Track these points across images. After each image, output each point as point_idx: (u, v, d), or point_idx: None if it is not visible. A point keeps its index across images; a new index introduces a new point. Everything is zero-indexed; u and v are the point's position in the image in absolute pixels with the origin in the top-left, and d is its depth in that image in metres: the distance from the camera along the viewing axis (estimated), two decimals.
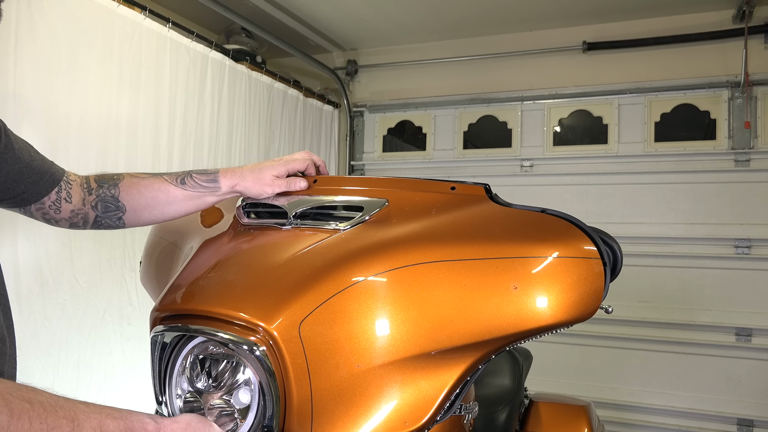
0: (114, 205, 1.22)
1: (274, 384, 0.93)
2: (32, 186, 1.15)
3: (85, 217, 1.22)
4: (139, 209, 1.23)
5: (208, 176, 1.22)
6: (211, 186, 1.21)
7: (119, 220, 1.24)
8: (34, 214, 1.19)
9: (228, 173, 1.22)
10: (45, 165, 1.17)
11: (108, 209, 1.22)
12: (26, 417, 0.71)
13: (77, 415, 0.77)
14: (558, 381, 3.78)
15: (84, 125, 2.58)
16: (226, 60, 3.46)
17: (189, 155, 3.18)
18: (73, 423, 0.76)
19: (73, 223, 1.22)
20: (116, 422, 0.81)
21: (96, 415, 0.79)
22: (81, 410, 0.78)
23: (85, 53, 2.57)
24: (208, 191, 1.22)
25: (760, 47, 3.69)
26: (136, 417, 0.84)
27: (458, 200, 1.14)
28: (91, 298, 2.63)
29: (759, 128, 3.67)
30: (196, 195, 1.22)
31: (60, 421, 0.75)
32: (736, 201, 3.69)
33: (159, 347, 1.02)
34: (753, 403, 3.61)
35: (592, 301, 0.96)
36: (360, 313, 0.96)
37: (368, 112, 4.73)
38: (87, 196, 1.21)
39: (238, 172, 1.22)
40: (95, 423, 0.78)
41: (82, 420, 0.77)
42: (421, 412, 0.94)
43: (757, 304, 3.62)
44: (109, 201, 1.21)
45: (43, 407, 0.74)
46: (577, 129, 4.17)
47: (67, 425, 0.75)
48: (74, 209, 1.20)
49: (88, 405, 0.80)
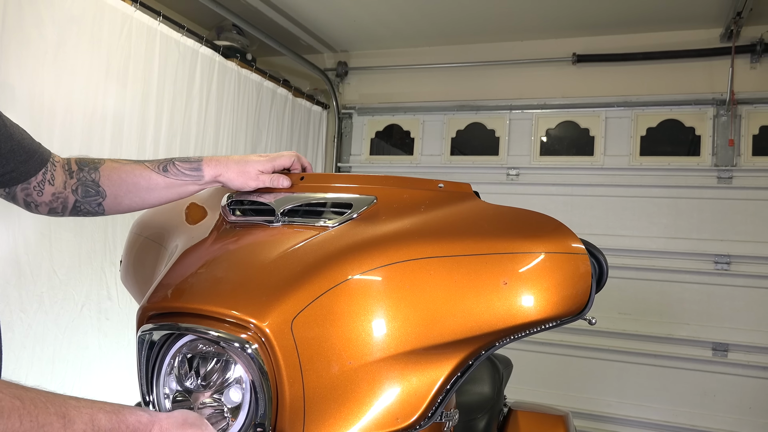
0: (94, 190, 1.18)
1: (266, 382, 0.93)
2: (22, 165, 1.12)
3: (65, 201, 1.18)
4: (120, 195, 1.19)
5: (191, 164, 1.19)
6: (194, 174, 1.18)
7: (99, 206, 1.20)
8: (18, 195, 1.15)
9: (212, 162, 1.19)
10: (34, 145, 1.15)
11: (88, 194, 1.18)
12: (16, 415, 0.69)
13: (68, 411, 0.75)
14: (537, 390, 3.80)
15: (69, 116, 2.54)
16: (216, 56, 3.44)
17: (175, 151, 3.15)
18: (64, 419, 0.74)
19: (52, 209, 1.19)
20: (108, 416, 0.79)
21: (87, 410, 0.77)
22: (72, 405, 0.76)
23: (73, 43, 2.54)
24: (191, 180, 1.19)
25: (746, 66, 3.74)
26: (129, 411, 0.82)
27: (446, 197, 1.15)
28: (70, 291, 2.59)
29: (742, 146, 3.72)
30: (178, 183, 1.19)
31: (50, 417, 0.73)
32: (718, 217, 3.74)
33: (147, 345, 1.00)
34: (727, 418, 3.65)
35: (580, 298, 0.97)
36: (352, 310, 0.96)
37: (357, 114, 4.73)
38: (68, 179, 1.18)
39: (223, 162, 1.19)
40: (87, 418, 0.76)
41: (73, 416, 0.75)
42: (413, 408, 0.94)
43: (734, 320, 3.67)
44: (89, 185, 1.17)
45: (33, 404, 0.72)
46: (564, 140, 4.20)
47: (57, 422, 0.73)
48: (55, 192, 1.17)
49: (78, 400, 0.78)
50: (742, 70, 3.73)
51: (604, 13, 3.75)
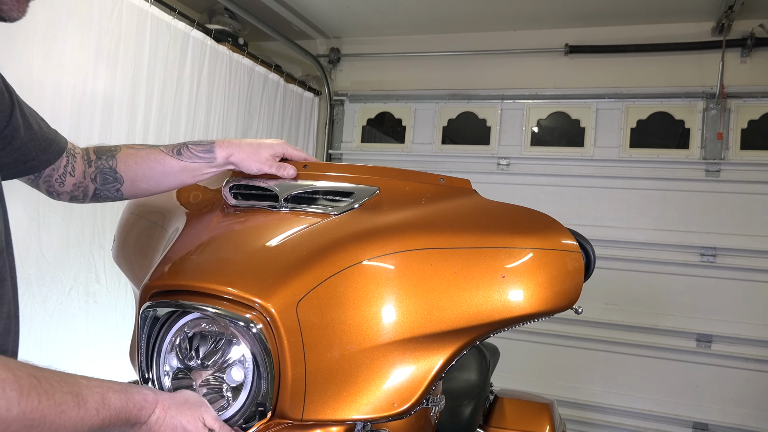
0: (112, 177, 1.21)
1: (269, 362, 0.94)
2: (42, 153, 1.13)
3: (85, 190, 1.21)
4: (137, 180, 1.22)
5: (204, 147, 1.21)
6: (207, 157, 1.21)
7: (117, 192, 1.23)
8: (40, 185, 1.18)
9: (225, 144, 1.21)
10: (51, 133, 1.16)
11: (107, 181, 1.21)
12: (35, 393, 0.72)
13: (81, 390, 0.78)
14: (523, 378, 3.83)
15: (58, 98, 2.52)
16: (207, 40, 3.41)
17: (165, 134, 3.13)
18: (78, 398, 0.77)
19: (74, 197, 1.22)
20: (118, 395, 0.82)
21: (98, 389, 0.81)
22: (84, 385, 0.79)
23: (62, 24, 2.51)
24: (204, 162, 1.21)
25: (736, 60, 3.76)
26: (136, 390, 0.86)
27: (447, 192, 1.18)
28: (58, 273, 2.58)
29: (731, 140, 3.74)
30: (192, 166, 1.21)
31: (65, 397, 0.76)
32: (705, 210, 3.77)
33: (149, 322, 1.01)
34: (709, 408, 3.70)
35: (572, 293, 1.02)
36: (355, 296, 0.98)
37: (349, 101, 4.71)
38: (87, 169, 1.20)
39: (236, 144, 1.21)
40: (98, 397, 0.80)
41: (86, 395, 0.78)
42: (409, 393, 0.97)
43: (718, 312, 3.71)
44: (107, 173, 1.20)
45: (48, 383, 0.75)
46: (554, 130, 4.21)
47: (72, 400, 0.76)
48: (76, 182, 1.19)
49: (89, 379, 0.81)
50: (732, 64, 3.75)
51: (597, 4, 3.75)
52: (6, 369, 0.71)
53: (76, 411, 0.76)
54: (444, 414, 1.66)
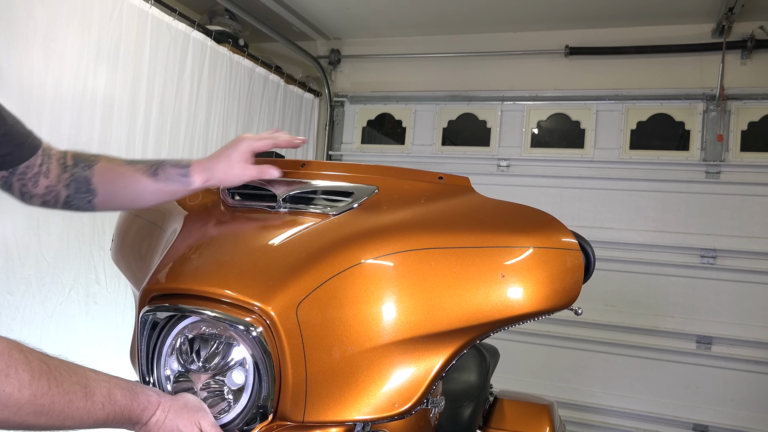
0: (86, 188, 1.18)
1: (270, 364, 0.94)
2: (17, 148, 1.12)
3: (57, 195, 1.19)
4: (110, 195, 1.19)
5: (180, 170, 1.17)
6: (183, 180, 1.17)
7: (89, 203, 1.20)
8: (14, 185, 1.16)
9: (200, 167, 1.17)
10: (26, 130, 1.15)
11: (79, 190, 1.18)
12: (45, 378, 0.73)
13: (89, 382, 0.79)
14: (523, 379, 3.83)
15: (58, 98, 2.52)
16: (208, 41, 3.41)
17: (165, 135, 3.13)
18: (86, 389, 0.78)
19: (45, 201, 1.19)
20: (123, 392, 0.83)
21: (106, 384, 0.81)
22: (92, 378, 0.80)
23: (63, 24, 2.51)
24: (180, 186, 1.17)
25: (736, 62, 3.76)
26: (141, 390, 0.87)
27: (446, 190, 1.18)
28: (57, 274, 2.57)
29: (731, 142, 3.74)
30: (167, 188, 1.17)
31: (74, 386, 0.76)
32: (705, 212, 3.77)
33: (149, 326, 1.01)
34: (709, 410, 3.70)
35: (572, 291, 1.02)
36: (355, 297, 0.98)
37: (349, 102, 4.71)
38: (62, 174, 1.18)
39: (209, 167, 1.17)
40: (105, 392, 0.80)
41: (93, 387, 0.79)
42: (409, 394, 0.96)
43: (718, 313, 3.71)
44: (81, 182, 1.18)
45: (58, 371, 0.75)
46: (554, 132, 4.21)
47: (80, 391, 0.77)
48: (49, 185, 1.17)
49: (97, 373, 0.82)
50: (732, 66, 3.75)
51: (597, 6, 3.75)
52: (19, 351, 0.72)
53: (84, 402, 0.77)
54: (443, 415, 1.66)
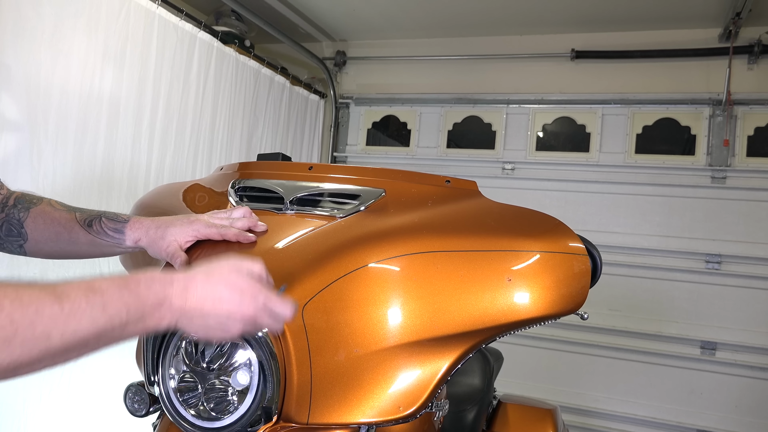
0: (17, 231, 1.11)
1: (275, 366, 0.94)
2: None
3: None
4: (41, 242, 1.12)
5: (116, 225, 1.11)
6: (117, 237, 1.10)
7: (20, 248, 1.13)
8: None
9: (137, 226, 1.10)
10: None
11: (11, 233, 1.11)
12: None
13: (56, 287, 0.70)
14: (526, 384, 3.82)
15: (65, 98, 2.52)
16: (214, 42, 3.42)
17: (171, 135, 3.14)
18: (54, 293, 0.69)
19: None
20: (111, 281, 0.75)
21: (81, 283, 0.73)
22: (61, 283, 0.71)
23: (70, 24, 2.52)
24: (113, 242, 1.11)
25: (743, 67, 3.75)
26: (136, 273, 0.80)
27: (453, 194, 1.18)
28: (63, 274, 2.57)
29: (737, 147, 3.73)
30: (99, 242, 1.11)
31: (36, 293, 0.67)
32: (710, 217, 3.76)
33: None
34: (713, 416, 3.68)
35: (579, 296, 1.02)
36: (361, 299, 0.98)
37: (354, 104, 4.71)
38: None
39: (146, 230, 1.10)
40: (84, 287, 0.72)
41: (63, 289, 0.70)
42: (414, 397, 0.96)
43: (723, 319, 3.69)
44: (14, 225, 1.11)
45: (11, 288, 0.66)
46: (560, 135, 4.20)
47: (46, 297, 0.67)
48: None
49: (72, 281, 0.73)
50: (739, 71, 3.74)
51: (603, 10, 3.74)
52: None
53: (58, 307, 0.66)
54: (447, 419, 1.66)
